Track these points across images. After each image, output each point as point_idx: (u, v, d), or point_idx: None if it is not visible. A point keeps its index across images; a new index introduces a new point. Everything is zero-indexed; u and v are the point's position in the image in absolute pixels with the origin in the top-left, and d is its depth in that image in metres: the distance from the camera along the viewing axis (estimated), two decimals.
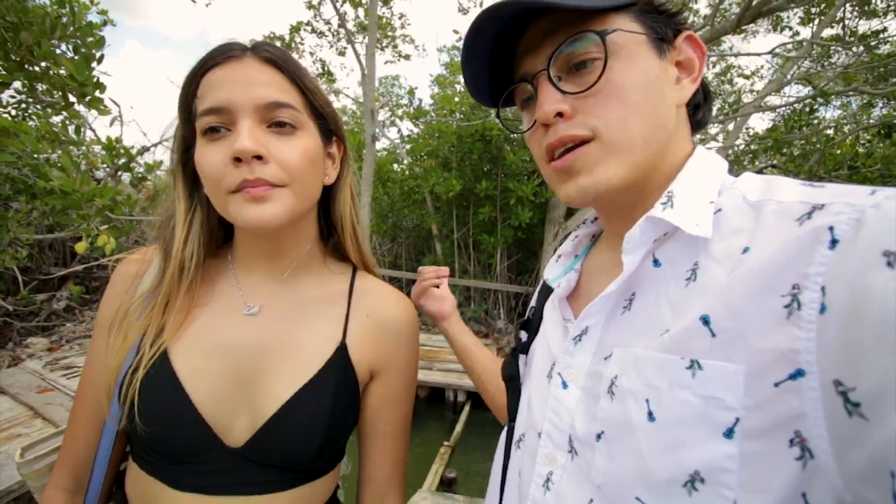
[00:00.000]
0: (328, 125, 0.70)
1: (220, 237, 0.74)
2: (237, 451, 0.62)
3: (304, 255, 0.74)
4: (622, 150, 0.49)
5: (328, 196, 0.76)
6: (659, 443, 0.41)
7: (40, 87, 1.90)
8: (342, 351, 0.69)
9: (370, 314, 0.74)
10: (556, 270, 0.66)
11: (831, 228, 0.35)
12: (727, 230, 0.45)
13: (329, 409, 0.65)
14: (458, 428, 4.56)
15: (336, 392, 0.66)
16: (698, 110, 0.58)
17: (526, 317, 0.76)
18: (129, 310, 0.67)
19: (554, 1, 0.47)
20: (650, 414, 0.42)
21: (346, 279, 0.77)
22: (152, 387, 0.61)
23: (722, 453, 0.38)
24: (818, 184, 0.42)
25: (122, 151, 3.04)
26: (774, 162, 7.35)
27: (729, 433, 0.38)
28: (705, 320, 0.41)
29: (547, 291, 0.71)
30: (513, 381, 0.69)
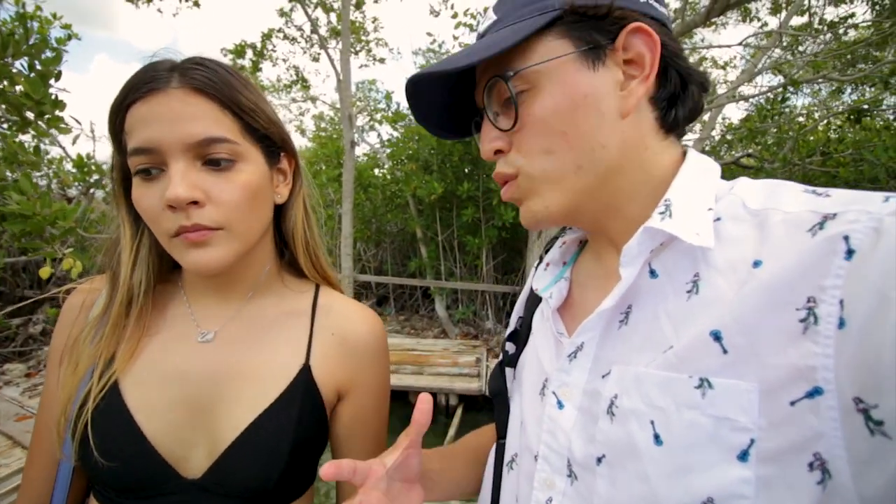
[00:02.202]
0: (274, 143, 0.66)
1: (170, 262, 0.70)
2: (196, 483, 0.60)
3: (262, 278, 0.71)
4: (552, 182, 0.49)
5: (282, 213, 0.73)
6: (667, 468, 0.39)
7: (3, 106, 1.83)
8: (305, 372, 0.66)
9: (335, 332, 0.71)
10: (546, 280, 0.62)
11: (846, 238, 0.34)
12: (728, 239, 0.42)
13: (293, 433, 0.62)
14: (452, 432, 4.54)
15: (300, 416, 0.64)
16: (673, 106, 0.50)
17: (513, 327, 0.73)
18: (78, 339, 0.64)
19: (440, 70, 0.48)
20: (656, 437, 0.40)
21: (309, 297, 0.74)
22: (102, 421, 0.59)
23: (737, 477, 0.36)
24: (821, 190, 0.40)
25: (93, 168, 2.95)
26: (750, 151, 7.47)
27: (743, 455, 0.36)
28: (716, 336, 0.39)
29: (535, 300, 0.67)
30: (500, 396, 0.65)
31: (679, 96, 0.50)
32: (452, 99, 0.57)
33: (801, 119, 7.22)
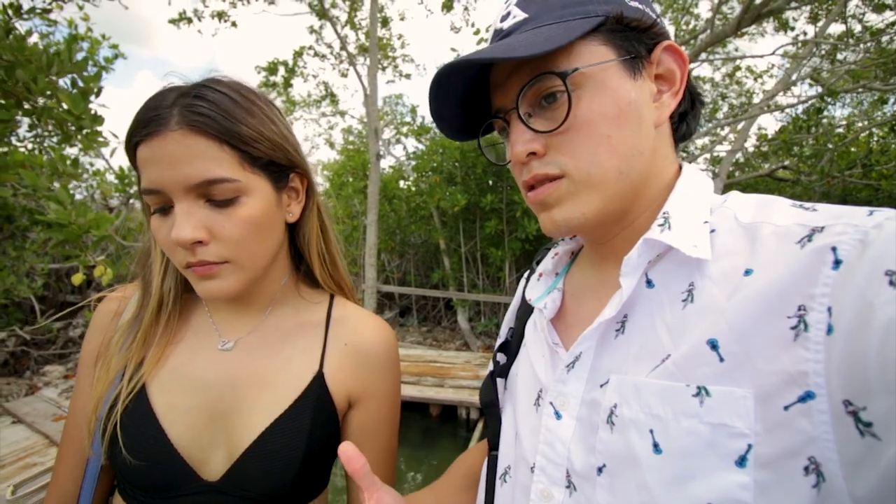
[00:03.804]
0: (281, 167, 0.66)
1: None
2: (215, 486, 0.62)
3: (279, 293, 0.74)
4: (594, 186, 0.48)
5: (296, 229, 0.75)
6: (666, 476, 0.39)
7: (51, 122, 1.95)
8: (319, 380, 0.69)
9: (348, 342, 0.73)
10: (539, 290, 0.63)
11: (834, 249, 0.35)
12: (721, 250, 0.44)
13: (306, 439, 0.64)
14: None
15: (313, 422, 0.66)
16: (683, 120, 0.55)
17: (503, 338, 0.73)
18: (112, 342, 0.68)
19: (501, 56, 0.45)
20: (655, 445, 0.41)
21: (324, 308, 0.76)
22: (130, 423, 0.63)
23: (735, 483, 0.36)
24: (808, 204, 0.42)
25: (133, 180, 3.09)
26: (786, 163, 7.21)
27: (741, 461, 0.36)
28: (713, 344, 0.40)
29: (526, 311, 0.67)
30: (491, 408, 0.65)
31: (689, 112, 0.55)
32: (467, 98, 0.56)
33: (840, 130, 6.93)
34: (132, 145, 0.59)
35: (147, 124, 0.57)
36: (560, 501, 0.48)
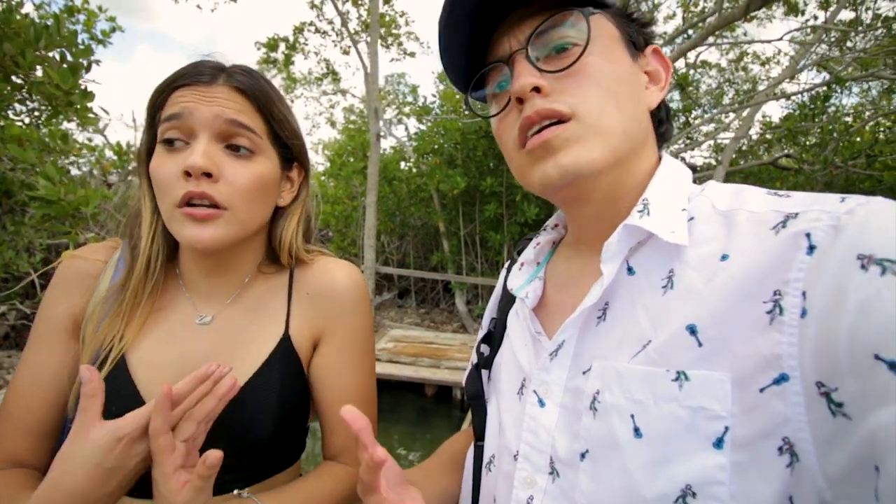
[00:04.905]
0: (291, 153, 0.73)
1: (173, 246, 0.73)
2: None
3: (253, 270, 0.75)
4: (603, 133, 0.48)
5: (278, 214, 0.76)
6: (647, 459, 0.40)
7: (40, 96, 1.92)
8: (285, 342, 0.71)
9: (309, 291, 0.75)
10: (520, 280, 0.63)
11: (808, 235, 0.37)
12: (699, 237, 0.45)
13: (276, 398, 0.66)
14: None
15: (282, 382, 0.68)
16: (661, 126, 0.58)
17: (486, 329, 0.73)
18: (97, 306, 0.67)
19: None
20: (636, 430, 0.42)
21: (287, 271, 0.77)
22: (111, 394, 0.62)
23: (713, 464, 0.38)
24: (782, 192, 0.44)
25: (132, 156, 3.07)
26: (789, 152, 7.13)
27: (719, 443, 0.38)
28: (692, 329, 0.41)
29: (508, 301, 0.68)
30: (477, 399, 0.66)
31: (664, 121, 0.58)
32: (470, 42, 0.55)
33: (848, 119, 6.82)
34: (171, 88, 0.63)
35: (196, 75, 0.63)
36: (543, 488, 0.49)
